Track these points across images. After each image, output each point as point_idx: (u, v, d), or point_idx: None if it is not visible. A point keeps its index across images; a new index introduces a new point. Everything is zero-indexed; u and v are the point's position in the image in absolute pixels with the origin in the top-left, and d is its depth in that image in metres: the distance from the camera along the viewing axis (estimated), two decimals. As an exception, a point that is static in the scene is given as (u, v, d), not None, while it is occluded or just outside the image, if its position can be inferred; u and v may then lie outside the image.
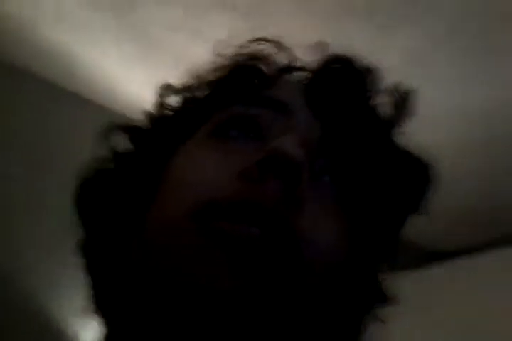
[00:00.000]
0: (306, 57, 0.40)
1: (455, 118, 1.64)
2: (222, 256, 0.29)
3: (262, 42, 0.41)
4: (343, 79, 0.37)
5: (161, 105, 0.42)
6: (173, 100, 0.42)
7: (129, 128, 0.41)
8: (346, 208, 0.35)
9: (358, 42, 1.45)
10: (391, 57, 1.43)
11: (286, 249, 0.30)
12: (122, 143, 0.41)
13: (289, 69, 0.40)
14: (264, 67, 0.40)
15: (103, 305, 0.36)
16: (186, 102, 0.41)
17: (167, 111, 0.42)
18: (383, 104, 0.39)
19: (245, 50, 0.41)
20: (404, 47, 1.43)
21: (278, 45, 0.41)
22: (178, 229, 0.30)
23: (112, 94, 1.74)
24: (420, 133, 0.40)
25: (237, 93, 0.37)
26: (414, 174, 0.38)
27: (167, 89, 0.42)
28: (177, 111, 0.41)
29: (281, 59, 0.40)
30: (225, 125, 0.36)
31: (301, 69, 0.41)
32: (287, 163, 0.30)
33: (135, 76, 1.60)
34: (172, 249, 0.30)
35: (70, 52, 1.51)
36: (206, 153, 0.34)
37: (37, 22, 1.36)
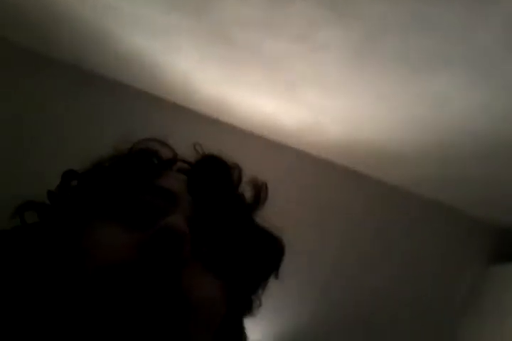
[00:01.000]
0: (186, 153, 0.52)
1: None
2: (120, 305, 0.37)
3: (152, 140, 0.51)
4: (214, 174, 0.49)
5: (65, 186, 0.50)
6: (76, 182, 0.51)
7: (39, 206, 0.48)
8: (218, 272, 0.45)
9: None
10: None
11: (174, 301, 0.39)
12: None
13: (174, 162, 0.52)
14: (154, 160, 0.51)
15: None
16: (90, 184, 0.50)
17: (72, 192, 0.50)
18: (246, 192, 0.50)
19: (139, 146, 0.51)
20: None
21: (164, 143, 0.52)
22: (87, 288, 0.39)
23: (190, 94, 1.72)
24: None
25: (133, 182, 0.47)
26: (268, 249, 0.50)
27: (70, 174, 0.51)
28: (81, 192, 0.50)
29: (167, 154, 0.52)
30: (124, 207, 0.45)
31: (182, 162, 0.52)
32: (174, 235, 0.40)
33: (213, 76, 1.55)
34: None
35: (147, 55, 1.51)
36: (109, 233, 0.43)
37: (115, 28, 1.36)
